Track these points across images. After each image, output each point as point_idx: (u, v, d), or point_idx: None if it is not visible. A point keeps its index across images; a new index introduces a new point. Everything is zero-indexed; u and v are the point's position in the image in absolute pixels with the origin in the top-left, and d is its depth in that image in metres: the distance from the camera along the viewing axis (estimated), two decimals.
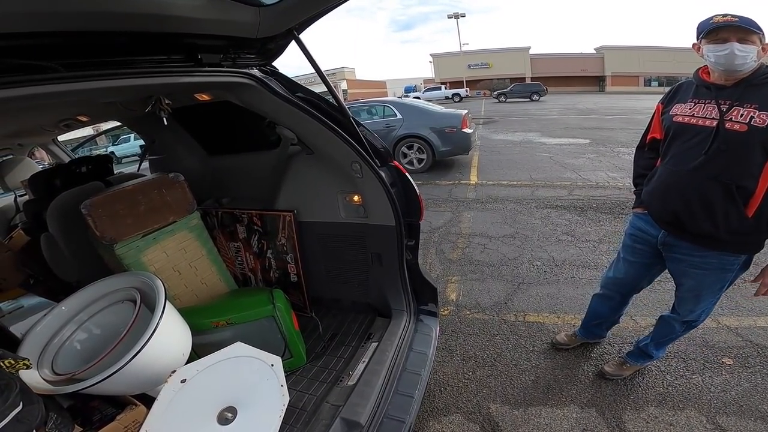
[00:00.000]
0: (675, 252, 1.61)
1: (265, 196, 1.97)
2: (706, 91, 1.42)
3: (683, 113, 1.48)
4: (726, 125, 1.33)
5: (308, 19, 1.25)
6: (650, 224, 1.66)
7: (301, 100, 1.47)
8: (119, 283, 1.48)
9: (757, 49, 1.27)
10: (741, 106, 1.31)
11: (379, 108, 7.42)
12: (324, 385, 1.58)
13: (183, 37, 1.09)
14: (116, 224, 1.62)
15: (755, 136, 1.27)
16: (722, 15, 1.30)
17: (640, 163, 1.78)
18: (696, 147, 1.41)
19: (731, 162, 1.34)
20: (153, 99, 1.30)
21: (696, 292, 1.62)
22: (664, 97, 1.64)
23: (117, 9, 0.88)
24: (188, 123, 2.13)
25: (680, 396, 1.88)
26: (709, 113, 1.38)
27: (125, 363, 1.08)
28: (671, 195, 1.52)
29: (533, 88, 29.28)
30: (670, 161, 1.53)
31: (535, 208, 4.68)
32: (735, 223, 1.38)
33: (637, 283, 1.89)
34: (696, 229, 1.47)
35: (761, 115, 1.26)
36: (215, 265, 1.99)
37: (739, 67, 1.30)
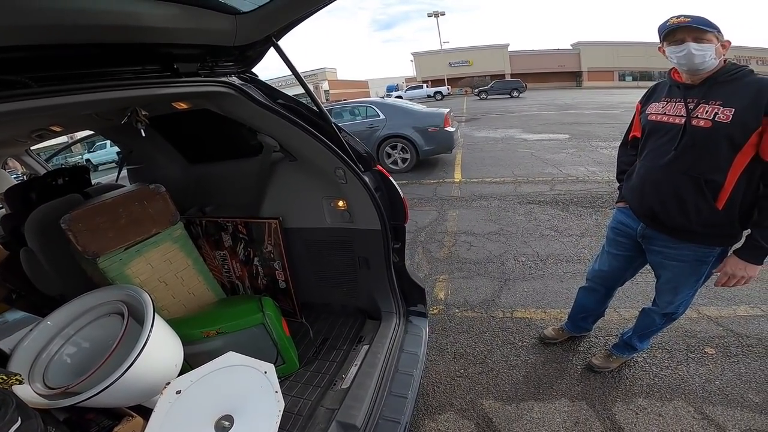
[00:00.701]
0: (653, 244, 1.66)
1: (249, 203, 1.96)
2: (677, 90, 1.48)
3: (656, 112, 1.54)
4: (692, 122, 1.39)
5: (287, 25, 1.25)
6: (631, 218, 1.72)
7: (281, 107, 1.47)
8: (105, 296, 1.46)
9: (715, 47, 1.32)
10: (706, 103, 1.36)
11: (362, 108, 7.42)
12: (318, 389, 1.59)
13: (158, 47, 1.08)
14: (98, 238, 1.59)
15: (720, 132, 1.32)
16: (676, 16, 1.35)
17: (623, 159, 1.85)
18: (667, 144, 1.47)
19: (699, 157, 1.39)
20: (129, 110, 1.27)
21: (673, 284, 1.68)
22: (643, 97, 1.70)
23: (86, 22, 0.86)
24: (167, 131, 2.10)
25: (667, 387, 1.93)
26: (679, 111, 1.44)
27: (119, 375, 1.08)
28: (647, 190, 1.58)
29: (513, 85, 29.64)
30: (646, 158, 1.59)
31: (518, 204, 4.76)
32: (706, 215, 1.43)
33: (621, 276, 1.94)
34: (671, 222, 1.53)
35: (725, 111, 1.31)
36: (202, 275, 1.97)
37: (699, 66, 1.35)
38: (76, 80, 0.97)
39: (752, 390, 1.87)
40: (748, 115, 1.28)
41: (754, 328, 2.29)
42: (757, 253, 1.41)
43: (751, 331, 2.25)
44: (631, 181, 1.69)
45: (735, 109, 1.29)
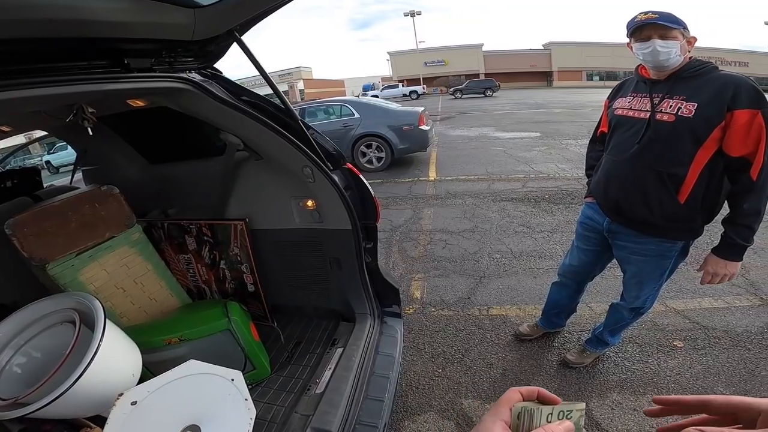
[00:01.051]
0: (618, 239, 1.69)
1: (214, 204, 1.87)
2: (643, 85, 1.51)
3: (623, 106, 1.56)
4: (657, 116, 1.41)
5: (250, 19, 1.18)
6: (598, 213, 1.74)
7: (246, 104, 1.40)
8: (55, 305, 1.37)
9: (680, 44, 1.33)
10: (671, 98, 1.39)
11: (337, 107, 7.35)
12: (291, 395, 1.54)
13: (106, 42, 1.00)
14: (46, 243, 1.49)
15: (682, 126, 1.35)
16: (644, 12, 1.36)
17: (592, 155, 1.88)
18: (632, 137, 1.49)
19: (662, 151, 1.42)
20: (75, 108, 1.18)
21: (638, 279, 1.71)
22: (610, 93, 1.73)
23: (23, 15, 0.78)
24: (124, 130, 1.98)
25: (639, 381, 1.97)
26: (644, 106, 1.47)
27: (69, 386, 1.03)
28: (612, 183, 1.60)
29: (487, 84, 30.15)
30: (611, 151, 1.62)
31: (492, 202, 4.81)
32: (669, 209, 1.46)
33: (590, 270, 1.97)
34: (635, 215, 1.55)
35: (688, 105, 1.34)
36: (164, 280, 1.88)
37: (664, 63, 1.37)
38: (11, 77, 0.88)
39: (721, 382, 1.93)
40: (710, 110, 1.30)
41: (719, 320, 2.37)
42: (735, 250, 1.44)
43: (716, 324, 2.34)
44: (596, 175, 1.72)
45: (698, 103, 1.32)
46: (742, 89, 1.27)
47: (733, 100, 1.27)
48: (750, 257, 3.05)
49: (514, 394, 0.43)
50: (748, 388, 1.87)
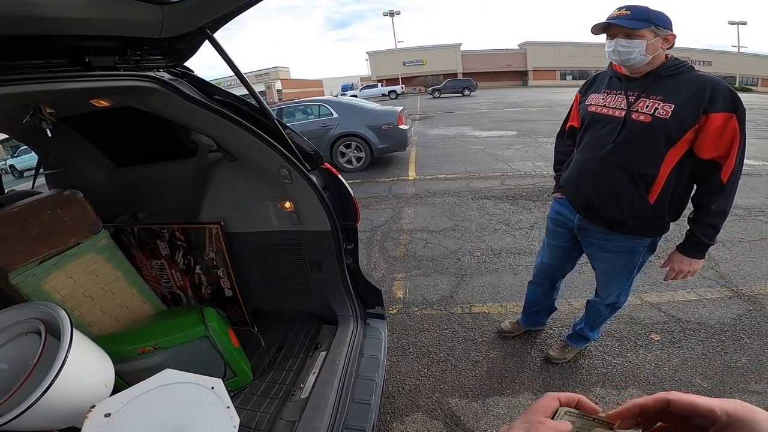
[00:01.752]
0: (588, 236, 1.70)
1: (186, 208, 1.81)
2: (617, 82, 1.49)
3: (596, 103, 1.54)
4: (632, 116, 1.40)
5: (223, 16, 1.13)
6: (568, 208, 1.74)
7: (218, 104, 1.35)
8: (18, 315, 1.31)
9: (647, 42, 1.31)
10: (647, 97, 1.38)
11: (315, 107, 7.27)
12: (276, 401, 1.50)
13: (64, 39, 0.93)
14: (5, 252, 1.42)
15: (658, 127, 1.34)
16: (618, 9, 1.34)
17: (560, 150, 1.87)
18: (606, 136, 1.49)
19: (636, 151, 1.42)
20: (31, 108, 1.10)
21: (609, 275, 1.73)
22: (582, 87, 1.72)
23: None
24: (89, 132, 1.88)
25: (620, 375, 2.01)
26: (619, 104, 1.46)
27: (36, 399, 0.99)
28: (584, 181, 1.60)
29: (465, 83, 30.49)
30: (584, 149, 1.61)
31: (471, 200, 4.85)
32: (639, 209, 1.47)
33: (562, 267, 1.98)
34: (605, 213, 1.56)
35: (665, 106, 1.33)
36: (135, 287, 1.81)
37: (626, 62, 1.36)
38: None
39: (699, 374, 1.98)
40: (686, 112, 1.30)
41: (693, 312, 2.45)
42: (699, 248, 1.48)
43: (690, 316, 2.41)
44: (567, 171, 1.71)
45: (675, 105, 1.31)
46: (719, 92, 1.27)
47: (710, 103, 1.27)
48: (719, 250, 3.17)
49: (551, 401, 0.39)
50: (725, 379, 1.93)
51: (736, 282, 2.74)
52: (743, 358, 2.05)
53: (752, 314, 2.38)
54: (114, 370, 1.28)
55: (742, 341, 2.17)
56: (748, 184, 4.85)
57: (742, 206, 4.11)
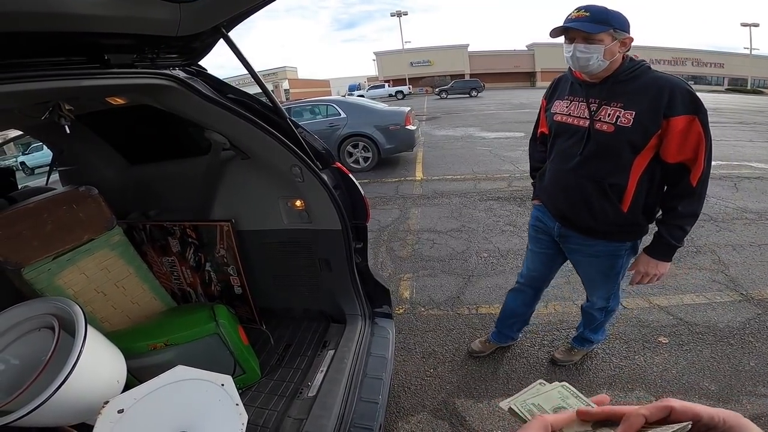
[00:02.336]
0: (570, 242, 1.66)
1: (198, 205, 1.82)
2: (579, 88, 1.45)
3: (561, 112, 1.50)
4: (596, 125, 1.37)
5: (238, 15, 1.15)
6: (548, 216, 1.71)
7: (232, 102, 1.36)
8: (32, 310, 1.32)
9: (604, 48, 1.25)
10: (608, 105, 1.34)
11: (323, 107, 7.29)
12: (283, 399, 1.51)
13: (84, 36, 0.95)
14: (20, 247, 1.43)
15: (622, 136, 1.31)
16: (577, 9, 1.28)
17: (535, 156, 1.84)
18: (573, 147, 1.46)
19: (603, 162, 1.39)
20: (50, 105, 1.12)
21: (594, 280, 1.71)
22: (546, 92, 1.67)
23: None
24: (103, 129, 1.91)
25: (627, 377, 1.99)
26: (582, 112, 1.41)
27: (51, 394, 1.00)
28: (557, 193, 1.58)
29: (472, 84, 30.38)
30: (554, 160, 1.58)
31: (478, 201, 4.84)
32: (613, 218, 1.45)
33: (547, 275, 1.92)
34: (581, 223, 1.54)
35: (626, 114, 1.29)
36: (147, 283, 1.82)
37: (585, 68, 1.32)
38: None
39: (707, 378, 1.96)
40: (647, 119, 1.27)
41: (701, 316, 2.42)
42: (667, 250, 1.44)
43: (699, 319, 2.38)
44: (542, 181, 1.69)
45: (635, 112, 1.28)
46: (677, 94, 1.23)
47: (669, 106, 1.24)
48: (729, 254, 3.14)
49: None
50: (732, 383, 1.91)
51: (745, 286, 2.70)
52: (751, 361, 2.03)
53: (761, 318, 2.36)
54: (126, 366, 1.29)
55: (751, 345, 2.15)
56: (759, 188, 4.80)
57: (753, 210, 4.07)
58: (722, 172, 5.54)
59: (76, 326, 1.16)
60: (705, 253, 3.18)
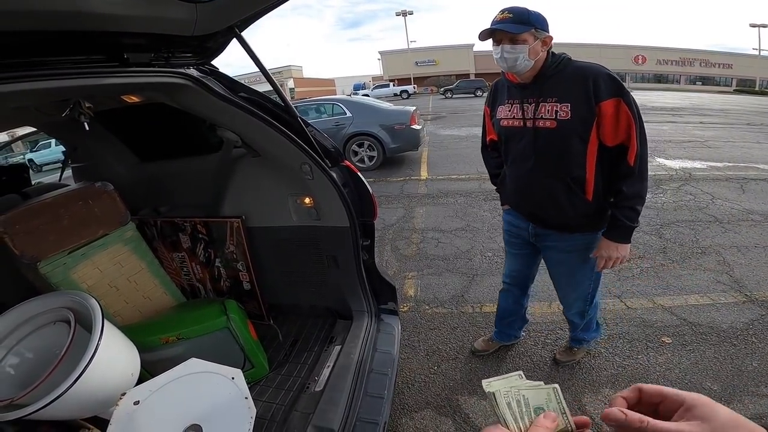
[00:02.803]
0: (545, 241, 1.68)
1: (208, 202, 1.86)
2: (514, 90, 1.49)
3: (506, 116, 1.53)
4: (539, 123, 1.41)
5: (251, 16, 1.18)
6: (519, 218, 1.74)
7: (244, 101, 1.39)
8: (49, 303, 1.35)
9: (529, 47, 1.31)
10: (545, 101, 1.38)
11: (328, 106, 7.32)
12: (291, 393, 1.54)
13: (105, 36, 0.98)
14: (37, 241, 1.47)
15: (566, 129, 1.35)
16: (501, 11, 1.33)
17: (490, 162, 1.87)
18: (525, 149, 1.49)
19: (557, 157, 1.43)
20: (71, 102, 1.16)
21: (572, 277, 1.72)
22: (487, 100, 1.70)
23: (20, 7, 0.76)
24: (116, 127, 1.95)
25: (630, 376, 2.00)
26: (524, 114, 1.45)
27: (68, 387, 1.01)
28: (522, 196, 1.62)
29: (477, 84, 30.27)
30: (511, 165, 1.62)
31: (483, 201, 4.85)
32: (581, 209, 1.48)
33: (528, 273, 1.94)
34: (552, 220, 1.57)
35: (563, 107, 1.34)
36: (158, 279, 1.86)
37: (513, 68, 1.36)
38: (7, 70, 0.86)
39: (709, 377, 1.97)
40: (582, 109, 1.32)
41: (705, 316, 2.42)
42: (623, 232, 1.47)
43: (702, 320, 2.39)
44: (505, 188, 1.73)
45: (570, 104, 1.33)
46: (600, 80, 1.29)
47: (595, 92, 1.29)
48: (735, 255, 3.14)
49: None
50: (735, 383, 1.92)
51: (750, 287, 2.70)
52: (754, 362, 2.04)
53: (765, 319, 2.36)
54: (140, 359, 1.31)
55: (754, 345, 2.15)
56: (765, 189, 4.78)
57: (759, 212, 4.05)
58: (729, 173, 5.52)
59: (93, 319, 1.18)
60: (710, 254, 3.18)
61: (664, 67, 42.80)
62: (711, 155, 6.75)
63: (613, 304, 2.58)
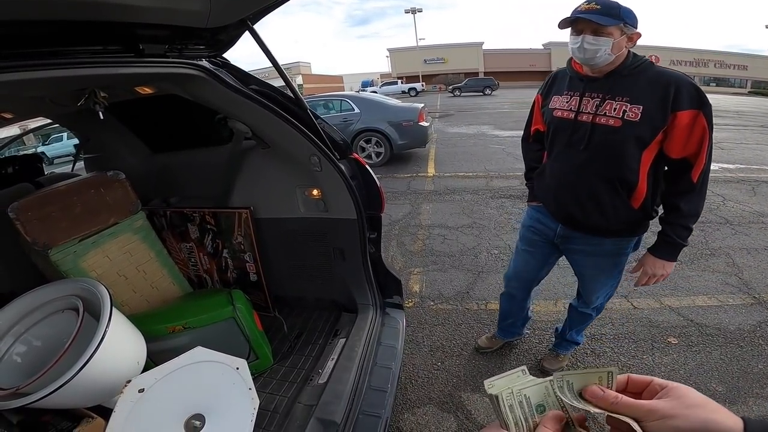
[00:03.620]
0: (573, 244, 1.62)
1: (217, 193, 1.87)
2: (578, 82, 1.41)
3: (561, 107, 1.46)
4: (600, 120, 1.33)
5: (264, 8, 1.19)
6: (548, 217, 1.67)
7: (255, 92, 1.40)
8: (58, 291, 1.36)
9: (613, 41, 1.24)
10: (613, 99, 1.31)
11: (336, 102, 7.32)
12: (294, 385, 1.54)
13: (122, 27, 1.00)
14: (49, 228, 1.48)
15: (629, 130, 1.28)
16: (587, 2, 1.26)
17: (529, 155, 1.78)
18: (577, 143, 1.41)
19: (610, 157, 1.36)
20: (86, 92, 1.18)
21: (597, 280, 1.68)
22: (542, 88, 1.62)
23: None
24: (129, 118, 1.97)
25: None
26: (585, 107, 1.38)
27: (73, 375, 1.01)
28: (563, 193, 1.52)
29: (486, 82, 30.14)
30: (556, 159, 1.52)
31: (490, 198, 4.83)
32: (624, 215, 1.42)
33: (537, 274, 1.88)
34: (590, 222, 1.49)
35: (633, 108, 1.27)
36: (166, 268, 1.88)
37: (590, 60, 1.29)
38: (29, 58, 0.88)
39: (715, 379, 1.95)
40: (655, 114, 1.25)
41: (712, 318, 2.40)
42: (673, 250, 1.42)
43: (710, 321, 2.37)
44: (543, 181, 1.62)
45: (643, 107, 1.26)
46: (684, 89, 1.23)
47: (676, 101, 1.22)
48: (744, 257, 3.10)
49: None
50: (740, 384, 1.90)
51: (759, 289, 2.67)
52: (760, 364, 2.02)
53: None
54: (146, 348, 1.31)
55: (761, 348, 2.13)
56: None
57: None
58: (741, 175, 5.44)
59: (102, 307, 1.18)
60: (719, 256, 3.15)
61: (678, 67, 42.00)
62: (723, 157, 6.66)
63: (620, 303, 2.56)
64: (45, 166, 5.95)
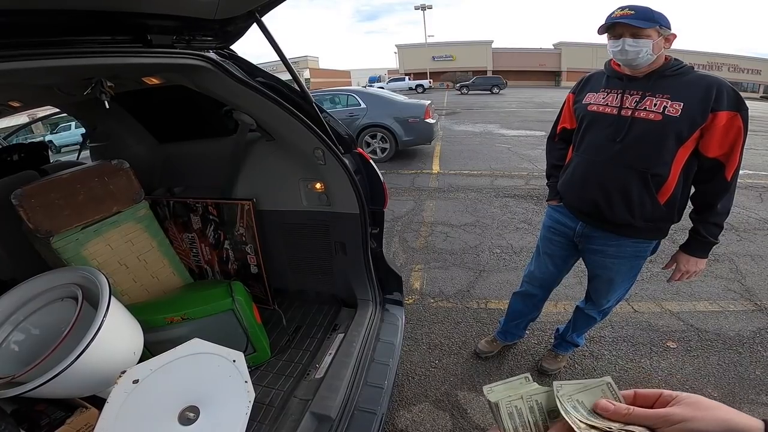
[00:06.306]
0: (592, 243, 1.63)
1: (221, 184, 1.88)
2: (618, 81, 1.45)
3: (597, 102, 1.49)
4: (640, 114, 1.37)
5: (272, 1, 1.18)
6: (567, 216, 1.67)
7: (261, 85, 1.40)
8: (58, 279, 1.37)
9: (653, 42, 1.30)
10: (653, 96, 1.35)
11: (343, 97, 7.30)
12: (291, 379, 1.55)
13: (130, 17, 0.99)
14: (52, 215, 1.49)
15: (669, 125, 1.32)
16: (621, 8, 1.32)
17: (554, 154, 1.79)
18: (611, 135, 1.43)
19: (646, 150, 1.38)
20: (93, 81, 1.18)
21: (612, 282, 1.67)
22: (575, 87, 1.65)
23: None
24: (135, 108, 1.98)
25: (632, 380, 1.99)
26: (624, 102, 1.41)
27: (69, 364, 1.01)
28: (590, 185, 1.52)
29: (494, 81, 29.95)
30: (585, 151, 1.54)
31: (494, 197, 4.82)
32: (650, 210, 1.44)
33: (558, 277, 1.89)
34: (613, 217, 1.50)
35: (674, 104, 1.31)
36: (167, 258, 1.88)
37: (633, 62, 1.34)
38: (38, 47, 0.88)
39: (711, 384, 1.95)
40: (695, 111, 1.29)
41: (713, 323, 2.39)
42: (705, 247, 1.47)
43: (709, 327, 2.36)
44: (567, 175, 1.63)
45: (684, 103, 1.30)
46: (724, 91, 1.27)
47: (717, 101, 1.27)
48: (748, 264, 3.07)
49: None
50: (736, 390, 1.90)
51: (761, 296, 2.66)
52: (757, 370, 2.01)
53: None
54: (143, 339, 1.31)
55: (759, 354, 2.13)
56: None
57: None
58: (748, 181, 5.38)
59: (101, 296, 1.18)
60: (723, 262, 3.12)
61: None
62: None
63: (620, 306, 2.54)
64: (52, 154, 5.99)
